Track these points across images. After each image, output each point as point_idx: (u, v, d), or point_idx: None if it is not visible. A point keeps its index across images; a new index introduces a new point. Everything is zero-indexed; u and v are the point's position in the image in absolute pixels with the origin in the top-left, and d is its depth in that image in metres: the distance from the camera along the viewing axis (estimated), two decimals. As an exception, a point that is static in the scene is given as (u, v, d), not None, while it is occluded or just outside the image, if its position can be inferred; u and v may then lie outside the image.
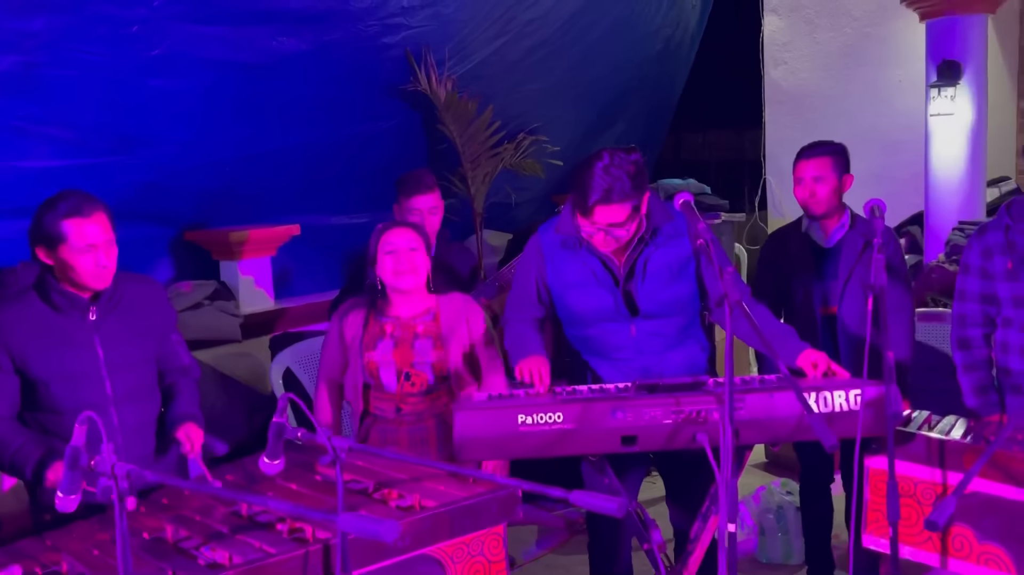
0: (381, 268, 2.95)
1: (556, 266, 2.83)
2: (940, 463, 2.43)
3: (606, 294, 2.76)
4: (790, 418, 2.37)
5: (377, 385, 2.94)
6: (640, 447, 2.38)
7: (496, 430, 2.32)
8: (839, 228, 3.30)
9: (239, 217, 5.10)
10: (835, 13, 6.72)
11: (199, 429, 2.68)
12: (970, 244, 3.02)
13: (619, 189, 2.59)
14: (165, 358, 2.76)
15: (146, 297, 2.70)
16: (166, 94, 4.29)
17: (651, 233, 2.77)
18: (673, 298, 2.78)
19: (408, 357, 2.92)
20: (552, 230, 2.87)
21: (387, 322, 2.97)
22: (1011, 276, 2.87)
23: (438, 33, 5.44)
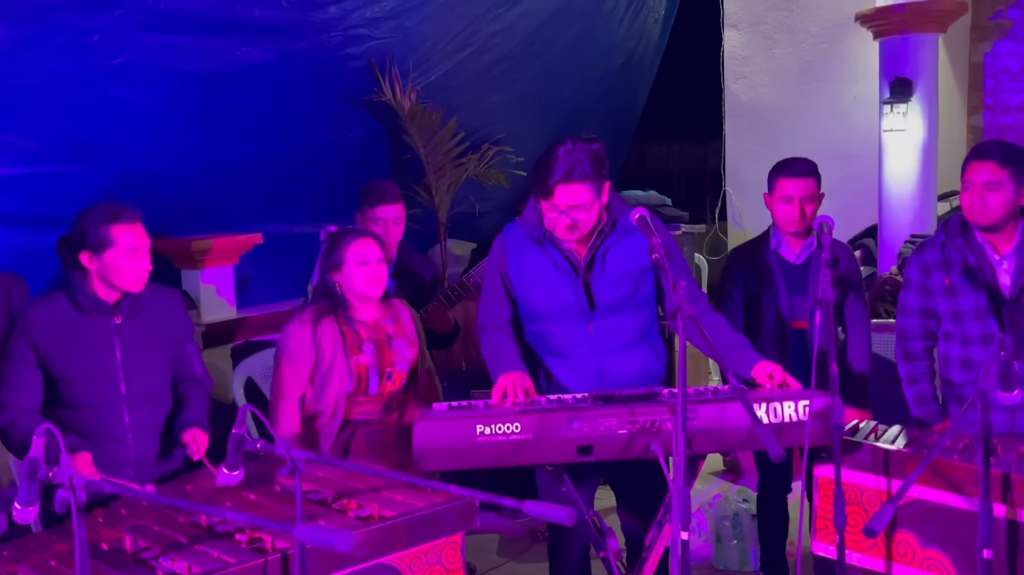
0: (349, 277, 2.99)
1: (520, 261, 2.89)
2: (885, 471, 2.51)
3: (567, 286, 2.81)
4: (741, 428, 2.44)
5: (361, 389, 2.98)
6: (596, 457, 2.43)
7: (455, 440, 2.36)
8: (807, 246, 3.37)
9: (201, 226, 5.09)
10: (793, 29, 6.87)
11: (205, 435, 2.81)
12: (910, 261, 3.14)
13: (580, 170, 2.67)
14: (179, 366, 2.91)
15: (166, 307, 2.90)
16: (127, 103, 4.27)
17: (611, 225, 2.84)
18: (629, 292, 2.84)
19: (389, 358, 3.01)
20: (516, 226, 2.94)
21: (360, 327, 3.03)
22: (948, 292, 2.98)
23: (402, 45, 5.47)
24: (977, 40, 6.41)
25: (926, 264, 3.05)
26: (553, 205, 2.71)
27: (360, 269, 2.97)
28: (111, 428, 2.71)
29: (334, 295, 3.03)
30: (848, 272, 3.39)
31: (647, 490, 2.83)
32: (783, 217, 3.34)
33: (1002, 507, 2.32)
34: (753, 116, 7.13)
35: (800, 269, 3.37)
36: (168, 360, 2.88)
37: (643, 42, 8.03)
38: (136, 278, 2.71)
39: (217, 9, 4.37)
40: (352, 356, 2.97)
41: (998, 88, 6.36)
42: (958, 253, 2.97)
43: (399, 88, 5.51)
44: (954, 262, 2.97)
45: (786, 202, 3.31)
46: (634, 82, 8.33)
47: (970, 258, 2.95)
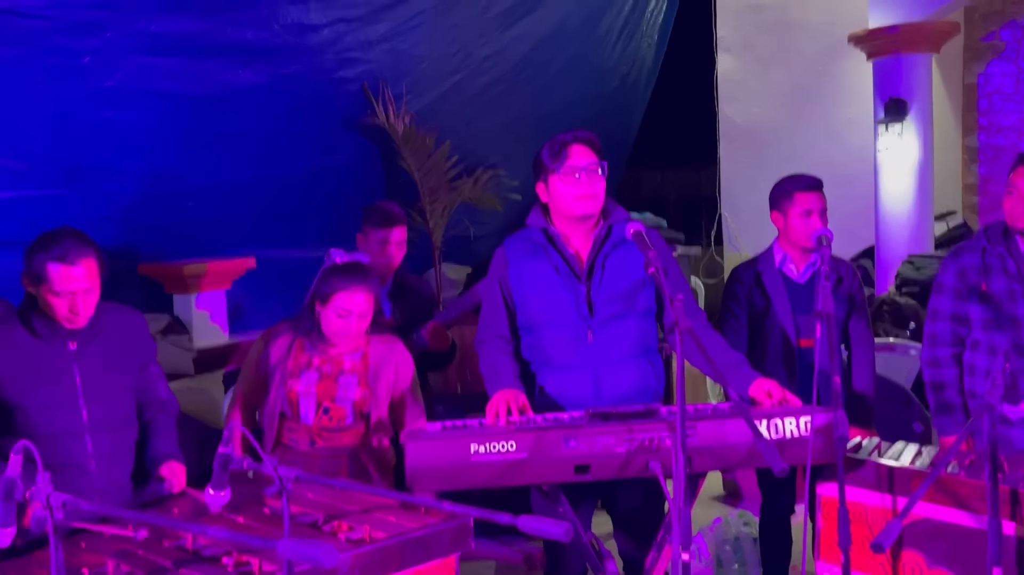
0: (327, 319, 2.88)
1: (520, 268, 2.84)
2: (890, 489, 2.45)
3: (567, 292, 2.77)
4: (742, 445, 2.38)
5: (294, 415, 2.89)
6: (593, 476, 2.37)
7: (448, 460, 2.30)
8: (811, 264, 3.29)
9: (193, 250, 5.05)
10: (786, 52, 6.88)
11: (182, 466, 2.69)
12: (945, 265, 3.07)
13: (583, 133, 2.76)
14: (143, 389, 2.78)
15: (127, 328, 2.74)
16: (119, 126, 4.25)
17: (607, 231, 2.81)
18: (629, 301, 2.79)
19: (330, 391, 2.89)
20: (518, 236, 2.91)
21: (315, 354, 2.92)
22: (983, 299, 2.92)
23: (395, 68, 5.47)
24: (970, 61, 6.43)
25: (963, 267, 2.98)
26: (570, 167, 2.71)
27: (337, 320, 2.86)
28: (73, 456, 2.56)
29: (308, 318, 2.93)
30: (852, 290, 3.33)
31: (645, 512, 2.76)
32: (802, 232, 3.21)
33: (1011, 524, 2.26)
34: (748, 139, 7.13)
35: (805, 287, 3.29)
36: (131, 384, 2.72)
37: (637, 66, 8.05)
38: (65, 319, 2.53)
39: (209, 32, 4.36)
40: (288, 380, 2.89)
41: (992, 108, 6.37)
42: (998, 259, 2.91)
43: (392, 111, 5.50)
44: (993, 268, 2.91)
45: (806, 216, 3.20)
46: (628, 106, 8.34)
47: (1010, 265, 2.89)
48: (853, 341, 3.37)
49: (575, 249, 2.81)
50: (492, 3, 5.99)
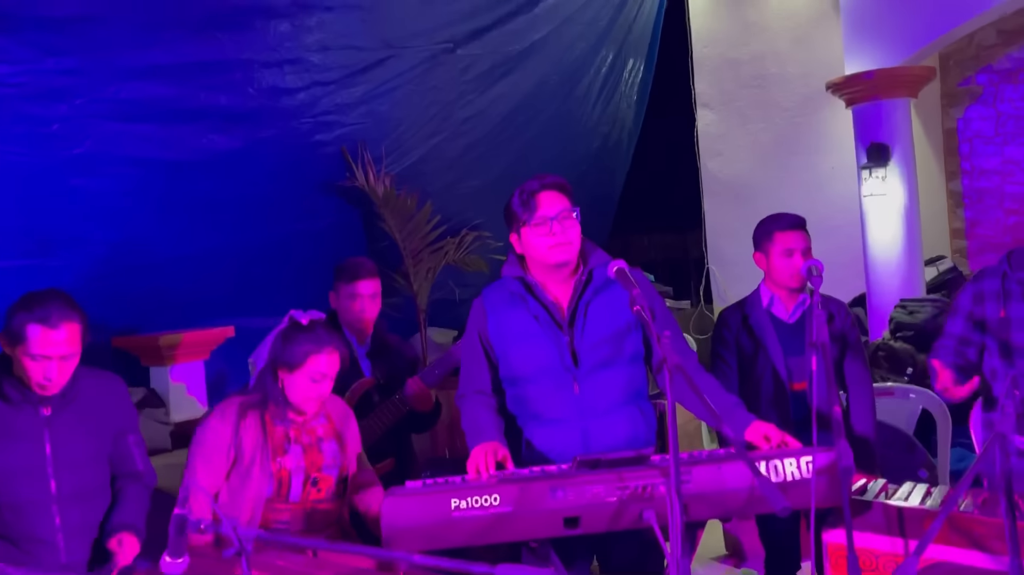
0: (296, 386, 2.70)
1: (499, 318, 2.73)
2: (900, 532, 2.30)
3: (549, 342, 2.64)
4: (741, 490, 2.24)
5: (280, 495, 2.68)
6: (584, 529, 2.22)
7: (427, 517, 2.15)
8: (800, 304, 3.20)
9: (170, 320, 4.91)
10: (765, 105, 6.90)
11: (135, 540, 2.52)
12: (964, 289, 2.99)
13: (551, 179, 2.68)
14: (120, 460, 2.63)
15: (105, 394, 2.63)
16: (89, 194, 4.16)
17: (588, 275, 2.70)
18: (615, 348, 2.66)
19: (316, 461, 2.73)
20: (495, 286, 2.80)
21: (289, 426, 2.74)
22: (1002, 326, 2.82)
23: (374, 130, 5.43)
24: (948, 107, 6.45)
25: (981, 291, 2.89)
26: (541, 217, 2.60)
27: (310, 385, 2.69)
28: (38, 530, 2.41)
29: (270, 390, 2.72)
30: (844, 328, 3.21)
31: (643, 567, 2.59)
32: (785, 272, 3.15)
33: (1033, 563, 2.11)
34: (731, 193, 7.10)
35: (795, 328, 3.19)
36: (105, 453, 2.59)
37: (618, 126, 8.07)
38: (38, 385, 2.43)
39: (182, 97, 4.31)
40: (277, 458, 2.67)
41: (974, 152, 6.36)
42: (1019, 286, 2.82)
43: (372, 173, 5.44)
44: (1014, 294, 2.82)
45: (787, 255, 3.14)
46: (611, 166, 8.34)
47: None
48: (849, 382, 3.24)
49: (554, 297, 2.70)
50: (470, 65, 5.99)
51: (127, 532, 2.49)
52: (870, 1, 5.38)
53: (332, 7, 4.86)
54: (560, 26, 6.66)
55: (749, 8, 6.93)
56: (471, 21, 5.85)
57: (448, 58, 5.79)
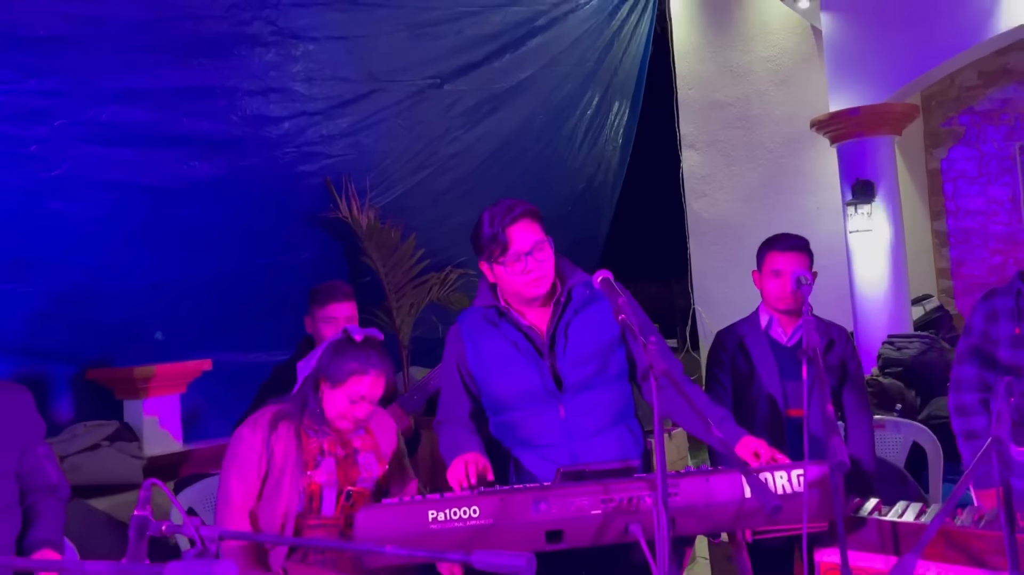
0: (336, 403, 2.62)
1: (476, 346, 2.63)
2: (895, 549, 2.21)
3: (530, 367, 2.56)
4: (730, 503, 2.15)
5: (313, 510, 2.57)
6: (568, 543, 2.12)
7: (403, 529, 2.05)
8: (799, 327, 3.08)
9: (145, 353, 4.80)
10: (750, 146, 6.93)
11: (57, 556, 2.40)
12: (976, 307, 2.95)
13: (520, 207, 2.53)
14: (29, 474, 2.49)
15: (8, 406, 2.49)
16: (66, 218, 4.08)
17: (567, 294, 2.61)
18: (599, 368, 2.58)
19: (351, 475, 2.61)
20: (470, 312, 2.70)
21: (324, 438, 2.64)
22: (1015, 343, 2.78)
23: (358, 163, 5.39)
24: (931, 147, 6.49)
25: (994, 310, 2.85)
26: (514, 254, 2.49)
27: (347, 405, 2.61)
28: None
29: (311, 400, 2.65)
30: (844, 356, 3.10)
31: None
32: (773, 293, 3.08)
33: (1034, 579, 2.02)
34: (717, 233, 7.09)
35: (792, 351, 3.07)
36: (12, 468, 2.45)
37: (603, 168, 8.08)
38: None
39: (163, 122, 4.26)
40: (308, 472, 2.57)
41: (958, 192, 6.39)
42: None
43: (356, 206, 5.39)
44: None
45: (775, 276, 3.06)
46: (596, 207, 8.33)
47: None
48: (848, 411, 3.13)
49: (532, 322, 2.62)
50: (456, 101, 6.00)
51: (47, 548, 2.38)
52: (852, 40, 5.43)
53: (317, 38, 4.86)
54: (547, 66, 6.70)
55: (733, 51, 7.00)
56: (458, 57, 5.87)
57: (434, 93, 5.79)
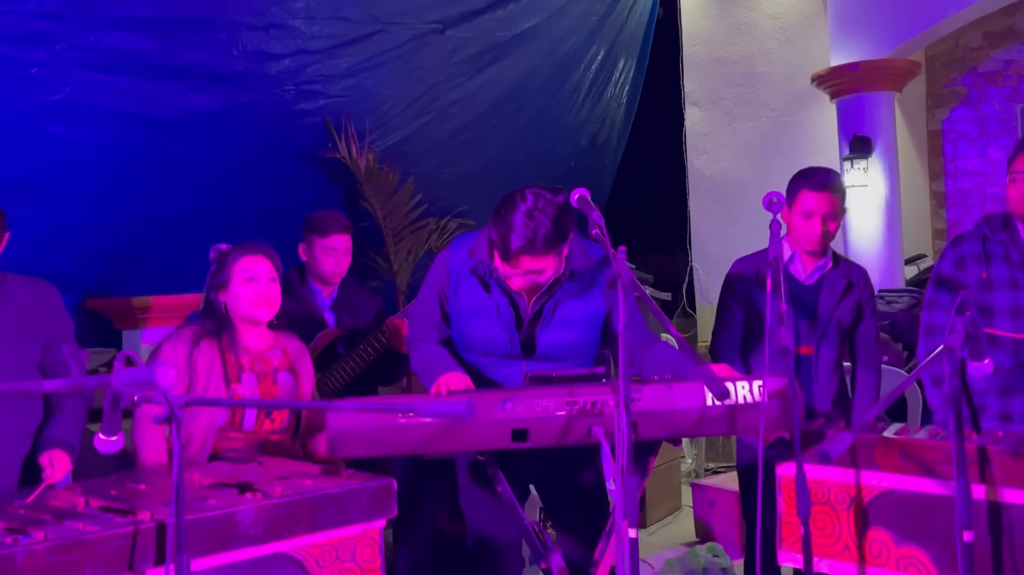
0: (235, 296, 2.70)
1: (461, 289, 2.63)
2: (852, 462, 2.27)
3: (502, 331, 2.57)
4: (691, 410, 2.22)
5: (233, 424, 2.65)
6: (533, 442, 2.19)
7: (373, 423, 2.11)
8: (820, 267, 3.03)
9: (143, 285, 4.86)
10: (753, 104, 6.93)
11: (66, 457, 2.46)
12: (943, 255, 2.94)
13: (543, 237, 2.38)
14: (52, 370, 2.55)
15: (36, 301, 2.56)
16: (66, 143, 4.14)
17: (567, 276, 2.57)
18: (573, 343, 2.60)
19: (271, 391, 2.69)
20: (465, 252, 2.65)
21: (242, 354, 2.71)
22: (983, 286, 2.79)
23: (358, 105, 5.42)
24: (933, 107, 6.49)
25: (962, 255, 2.85)
26: (522, 270, 2.46)
27: (246, 286, 2.68)
28: None
29: (219, 316, 2.73)
30: (862, 299, 3.05)
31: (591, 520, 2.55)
32: (801, 234, 2.96)
33: (981, 487, 2.09)
34: (717, 191, 7.11)
35: (810, 290, 3.01)
36: (32, 360, 2.51)
37: (607, 125, 8.08)
38: None
39: (164, 52, 4.30)
40: (230, 385, 2.64)
41: (957, 154, 6.39)
42: (1001, 246, 2.79)
43: (355, 147, 5.42)
44: (995, 256, 2.79)
45: (806, 217, 2.93)
46: (599, 166, 8.33)
47: (1013, 254, 2.78)
48: (859, 353, 3.08)
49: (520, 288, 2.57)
50: (458, 48, 6.01)
51: (59, 449, 2.44)
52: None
53: (320, -24, 4.88)
54: (551, 17, 6.69)
55: (740, 7, 6.99)
56: (461, 3, 5.88)
57: (436, 39, 5.80)
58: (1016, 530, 2.04)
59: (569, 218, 2.43)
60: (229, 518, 1.80)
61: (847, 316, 3.01)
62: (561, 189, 2.49)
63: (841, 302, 2.99)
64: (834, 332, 2.99)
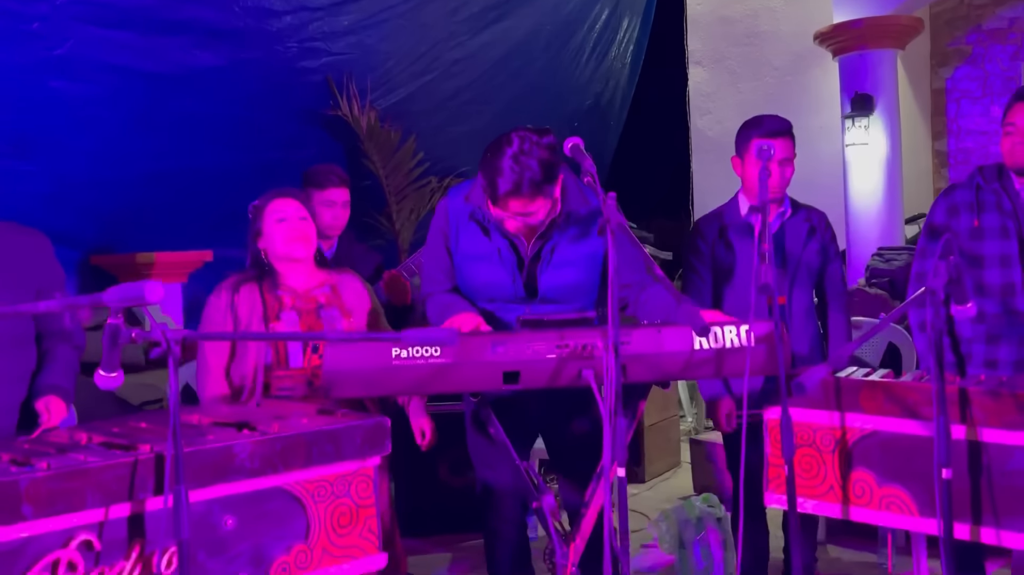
0: (270, 238, 2.79)
1: (462, 235, 2.68)
2: (837, 405, 2.32)
3: (505, 274, 2.62)
4: (680, 353, 2.25)
5: (280, 361, 2.71)
6: (524, 384, 2.23)
7: (368, 363, 2.16)
8: (780, 214, 3.08)
9: (146, 241, 4.90)
10: (756, 63, 6.90)
11: (62, 402, 2.52)
12: (936, 203, 2.96)
13: (529, 179, 2.41)
14: (45, 318, 2.60)
15: (28, 249, 2.59)
16: (68, 98, 4.16)
17: (564, 218, 2.61)
18: (575, 284, 2.64)
19: (315, 327, 2.75)
20: (461, 198, 2.69)
21: (284, 294, 2.79)
22: (975, 235, 2.82)
23: (360, 63, 5.42)
24: (937, 66, 6.45)
25: (955, 204, 2.88)
26: (512, 212, 2.50)
27: (278, 227, 2.76)
28: None
29: (261, 265, 2.82)
30: (825, 240, 3.11)
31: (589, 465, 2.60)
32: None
33: (961, 428, 2.13)
34: (720, 151, 7.06)
35: (774, 238, 3.05)
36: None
37: (611, 85, 8.06)
38: None
39: (165, 6, 4.31)
40: (268, 324, 2.71)
41: (960, 113, 6.37)
42: (993, 195, 2.82)
43: (357, 105, 5.43)
44: (987, 204, 2.82)
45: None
46: (603, 126, 8.32)
47: (1005, 203, 2.80)
48: (829, 295, 3.16)
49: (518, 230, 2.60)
50: (462, 6, 5.99)
51: (54, 395, 2.49)
52: (861, -49, 5.39)
53: (321, -69, 4.87)
54: (555, -25, 6.66)
55: (744, -35, 6.95)
56: (464, -40, 5.86)
57: (439, -4, 5.79)
58: (995, 469, 2.09)
59: (556, 160, 2.47)
60: (227, 451, 1.85)
61: (814, 259, 3.07)
62: (548, 130, 2.53)
63: (807, 246, 3.04)
64: (804, 276, 3.06)
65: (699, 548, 3.84)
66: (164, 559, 1.80)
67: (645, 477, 5.36)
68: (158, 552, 1.79)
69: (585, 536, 2.44)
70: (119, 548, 1.75)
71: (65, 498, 1.67)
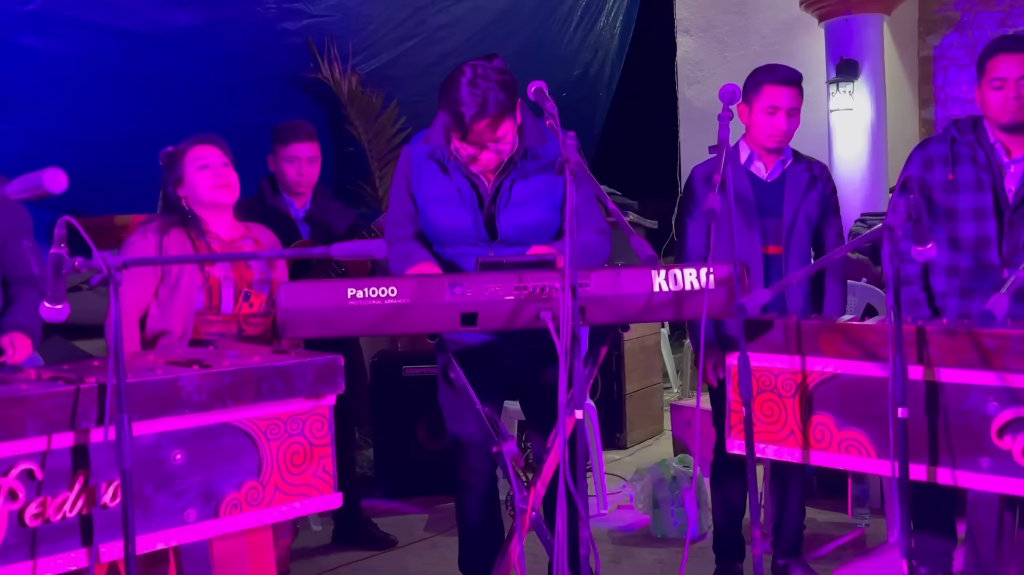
0: (192, 186, 2.76)
1: (423, 178, 2.67)
2: (798, 349, 2.30)
3: (467, 215, 2.62)
4: (639, 295, 2.24)
5: (212, 307, 2.71)
6: (481, 325, 2.22)
7: (323, 302, 2.14)
8: (780, 163, 3.03)
9: (121, 205, 4.85)
10: (744, 31, 6.85)
11: (27, 339, 2.51)
12: (911, 158, 2.94)
13: (493, 100, 2.45)
14: (12, 264, 2.60)
15: None
16: (41, 55, 4.11)
17: (521, 154, 2.61)
18: (534, 223, 2.63)
19: (246, 275, 2.75)
20: (421, 141, 2.70)
21: (212, 240, 2.77)
22: (949, 188, 2.80)
23: (341, 26, 5.37)
24: (925, 34, 6.40)
25: (929, 157, 2.85)
26: (473, 142, 2.50)
27: (202, 174, 2.73)
28: None
29: (181, 210, 2.78)
30: (825, 193, 3.07)
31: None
32: (764, 131, 2.96)
33: (918, 368, 2.12)
34: (707, 120, 6.96)
35: (772, 187, 3.02)
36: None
37: (599, 55, 8.00)
38: None
39: (139, -38, 4.26)
40: (204, 267, 2.69)
41: (948, 81, 6.33)
42: (967, 148, 2.79)
43: (338, 69, 5.39)
44: (961, 157, 2.79)
45: (770, 113, 2.95)
46: (592, 97, 8.27)
47: (980, 155, 2.77)
48: (827, 246, 3.11)
49: (478, 169, 2.62)
50: (444, -30, 5.94)
51: (19, 332, 2.49)
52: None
53: None
54: (540, -60, 6.60)
55: (732, -69, 6.88)
56: (448, -77, 5.79)
57: (422, -41, 5.73)
58: (951, 408, 2.07)
59: (512, 79, 2.52)
60: (172, 383, 1.84)
61: (814, 211, 3.02)
62: (495, 55, 2.57)
63: (807, 195, 3.00)
64: (802, 228, 3.01)
65: (673, 507, 3.85)
66: (109, 491, 1.79)
67: (627, 443, 5.36)
68: (103, 484, 1.78)
69: (546, 481, 2.43)
70: (62, 478, 1.74)
71: (4, 425, 1.65)
